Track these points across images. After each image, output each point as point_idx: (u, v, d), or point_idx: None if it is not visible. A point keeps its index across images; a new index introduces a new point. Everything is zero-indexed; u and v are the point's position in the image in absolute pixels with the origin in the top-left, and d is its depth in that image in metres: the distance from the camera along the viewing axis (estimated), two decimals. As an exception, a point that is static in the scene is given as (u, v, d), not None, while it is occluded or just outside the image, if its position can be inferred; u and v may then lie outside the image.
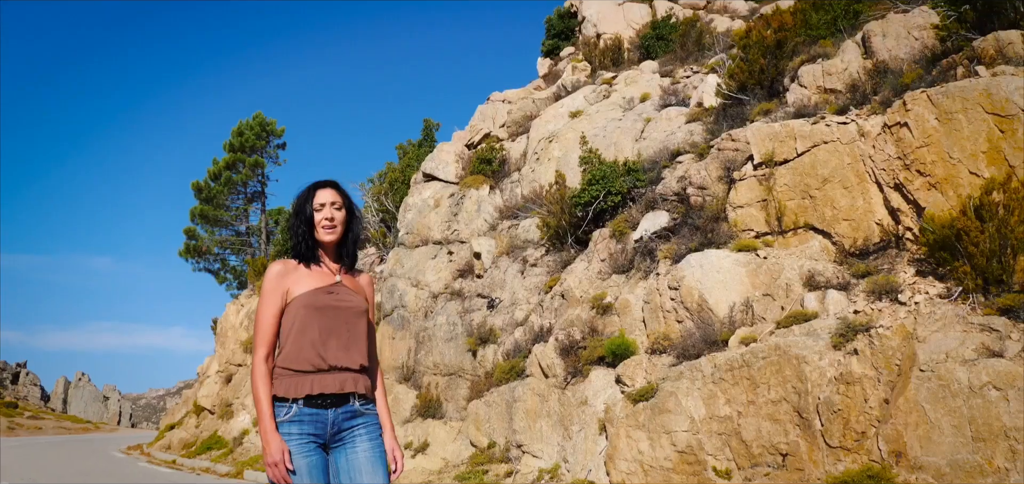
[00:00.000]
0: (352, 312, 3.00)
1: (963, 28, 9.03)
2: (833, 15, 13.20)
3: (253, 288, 19.20)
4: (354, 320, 3.00)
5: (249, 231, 25.60)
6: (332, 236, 3.01)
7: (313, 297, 2.93)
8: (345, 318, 2.97)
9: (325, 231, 3.00)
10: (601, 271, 10.80)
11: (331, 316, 2.94)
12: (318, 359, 2.88)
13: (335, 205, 3.03)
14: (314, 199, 3.03)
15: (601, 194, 11.54)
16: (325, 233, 3.01)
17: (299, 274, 2.98)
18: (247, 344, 16.80)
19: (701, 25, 20.16)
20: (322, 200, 3.02)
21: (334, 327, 2.94)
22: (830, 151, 8.55)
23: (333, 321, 2.94)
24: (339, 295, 2.99)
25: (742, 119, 11.32)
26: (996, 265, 6.67)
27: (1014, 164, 7.13)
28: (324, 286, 2.98)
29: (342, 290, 3.01)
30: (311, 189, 3.06)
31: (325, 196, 3.03)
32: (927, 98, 7.83)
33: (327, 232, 3.01)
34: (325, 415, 2.89)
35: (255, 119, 25.42)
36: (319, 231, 3.01)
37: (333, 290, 2.98)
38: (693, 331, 8.44)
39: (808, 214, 8.61)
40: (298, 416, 2.86)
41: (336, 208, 3.03)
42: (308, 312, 2.90)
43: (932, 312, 6.86)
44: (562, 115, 16.58)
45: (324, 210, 3.01)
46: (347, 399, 2.94)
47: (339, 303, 2.97)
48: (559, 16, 26.74)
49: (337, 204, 3.03)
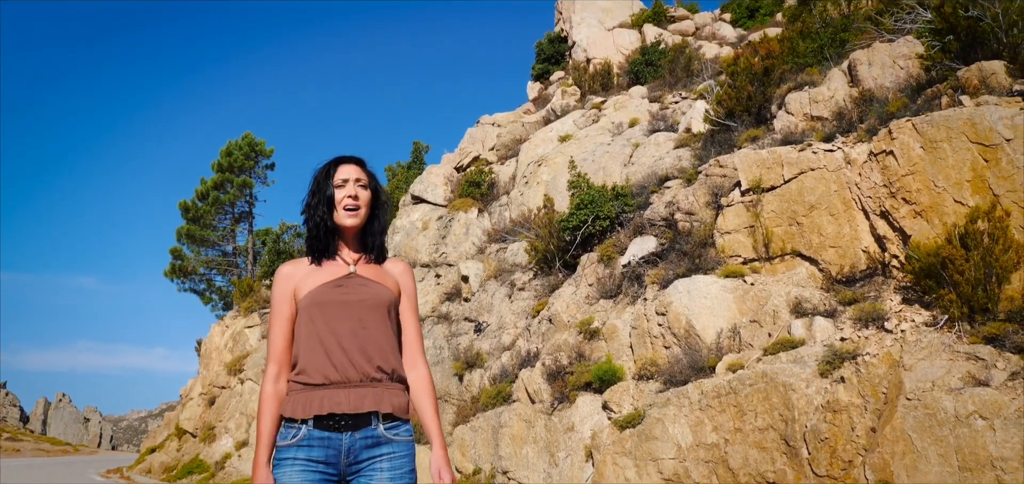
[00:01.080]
0: (368, 306, 2.45)
1: (947, 58, 9.12)
2: (820, 43, 13.33)
3: (238, 309, 19.04)
4: (373, 316, 2.45)
5: (236, 251, 25.45)
6: (355, 219, 2.53)
7: (320, 293, 2.45)
8: (357, 314, 2.43)
9: (347, 213, 2.52)
10: (589, 296, 10.77)
11: (339, 313, 2.43)
12: (329, 368, 2.38)
13: (360, 183, 2.56)
14: (335, 175, 2.55)
15: (589, 218, 11.54)
16: (347, 216, 2.52)
17: (308, 271, 2.53)
18: (231, 366, 16.63)
19: (690, 51, 20.32)
20: (345, 176, 2.54)
21: (344, 327, 2.41)
22: (817, 178, 8.58)
23: (342, 320, 2.42)
24: (350, 287, 2.48)
25: (730, 145, 11.37)
26: (981, 293, 6.69)
27: (998, 193, 7.18)
28: (333, 279, 2.49)
29: (354, 281, 2.50)
30: (332, 164, 2.58)
31: (348, 172, 2.56)
32: (912, 127, 7.89)
33: (349, 214, 2.52)
34: (338, 441, 2.36)
35: (244, 139, 25.37)
36: (339, 213, 2.52)
37: (343, 283, 2.49)
38: (680, 357, 8.40)
39: (795, 241, 8.62)
40: (307, 440, 2.35)
41: (361, 186, 2.56)
42: (314, 312, 2.44)
43: (918, 340, 6.86)
44: (551, 139, 16.63)
45: (346, 187, 2.53)
46: (367, 420, 2.38)
47: (350, 296, 2.46)
48: (549, 41, 26.92)
49: (362, 182, 2.56)
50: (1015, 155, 7.19)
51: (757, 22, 24.49)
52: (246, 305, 18.16)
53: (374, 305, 2.47)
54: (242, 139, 25.51)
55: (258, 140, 25.75)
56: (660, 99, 17.42)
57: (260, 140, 25.77)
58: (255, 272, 22.98)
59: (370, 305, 2.46)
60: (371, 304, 2.47)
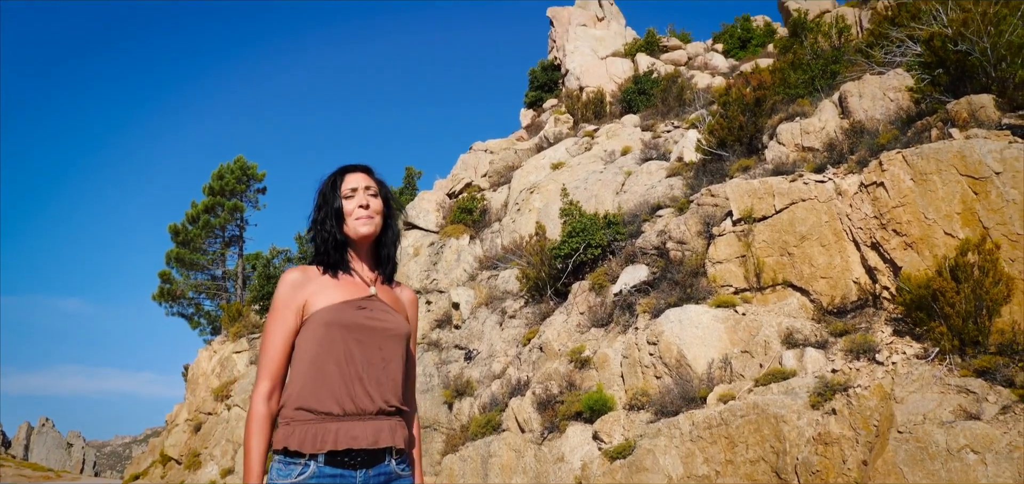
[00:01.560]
0: (390, 335, 2.29)
1: (937, 91, 9.19)
2: (811, 75, 13.44)
3: (227, 334, 18.88)
4: (392, 346, 2.29)
5: (225, 275, 25.32)
6: (369, 228, 2.33)
7: (340, 312, 2.23)
8: (381, 343, 2.26)
9: (361, 222, 2.32)
10: (580, 324, 10.72)
11: (364, 339, 2.23)
12: (346, 398, 2.16)
13: (370, 191, 2.37)
14: (343, 184, 2.35)
15: (581, 246, 11.52)
16: (361, 224, 2.32)
17: (322, 284, 2.28)
18: (218, 392, 16.46)
19: (682, 81, 20.46)
20: (353, 184, 2.35)
21: (368, 355, 2.22)
22: (808, 209, 8.59)
23: (366, 347, 2.22)
24: (374, 311, 2.29)
25: (721, 175, 11.40)
26: (972, 326, 6.68)
27: (988, 226, 7.20)
28: (355, 298, 2.28)
29: (378, 305, 2.31)
30: (338, 174, 2.39)
31: (356, 180, 2.36)
32: (902, 159, 7.92)
33: (364, 223, 2.32)
34: (351, 478, 2.15)
35: (236, 163, 25.34)
36: (351, 222, 2.32)
37: (366, 304, 2.29)
38: (671, 387, 8.35)
39: (786, 271, 8.61)
40: (316, 477, 2.11)
41: (371, 194, 2.37)
42: (333, 332, 2.20)
43: (909, 372, 6.83)
44: (544, 166, 16.65)
45: (357, 196, 2.34)
46: (382, 456, 2.21)
47: (374, 322, 2.27)
48: (543, 68, 27.09)
49: (372, 190, 2.37)
50: (1004, 188, 7.22)
51: (749, 53, 24.72)
52: (235, 330, 18.03)
53: (395, 335, 2.30)
54: (234, 163, 25.48)
55: (250, 164, 25.74)
56: (652, 128, 17.50)
57: (252, 164, 25.77)
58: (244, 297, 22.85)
59: (392, 335, 2.29)
60: (393, 334, 2.30)
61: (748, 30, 26.24)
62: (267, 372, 2.20)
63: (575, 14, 27.53)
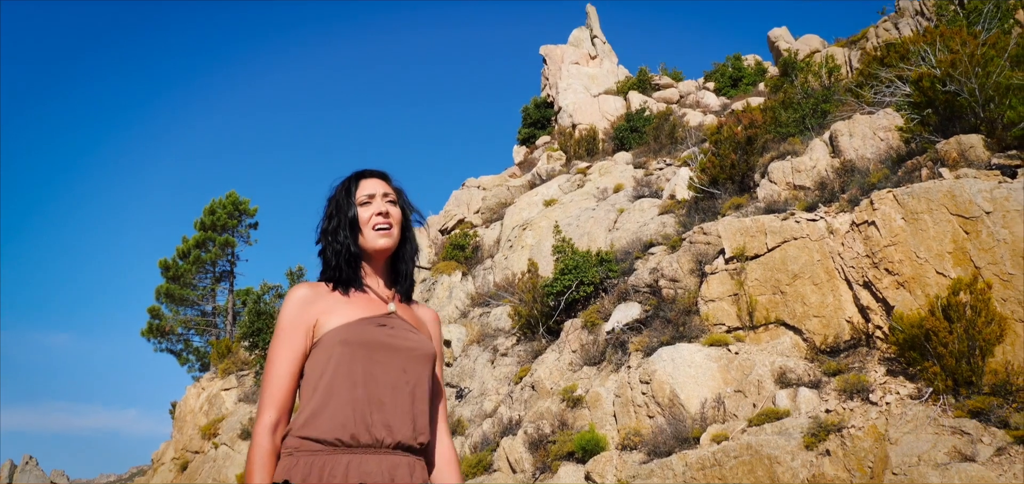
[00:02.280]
0: (416, 357, 2.00)
1: (926, 131, 9.26)
2: (801, 114, 13.55)
3: (215, 371, 18.68)
4: (418, 370, 2.00)
5: (215, 311, 25.13)
6: (388, 240, 2.07)
7: (359, 329, 1.95)
8: (405, 365, 1.97)
9: (379, 233, 2.06)
10: (572, 362, 10.64)
11: (386, 360, 1.95)
12: (360, 426, 1.87)
13: (388, 198, 2.11)
14: (358, 191, 2.10)
15: (573, 284, 11.47)
16: (379, 236, 2.06)
17: (334, 301, 2.01)
18: (206, 430, 16.23)
19: (674, 119, 20.61)
20: (370, 191, 2.10)
21: (391, 379, 1.94)
22: (800, 247, 8.59)
23: (389, 369, 1.94)
24: (396, 329, 2.01)
25: (713, 213, 11.42)
26: (965, 366, 6.64)
27: (979, 265, 7.19)
28: (374, 316, 2.01)
29: (400, 323, 2.04)
30: (352, 180, 2.13)
31: (373, 186, 2.11)
32: (893, 198, 7.94)
33: (382, 234, 2.06)
34: None
35: (228, 198, 25.30)
36: (368, 233, 2.06)
37: (387, 321, 2.01)
38: (664, 427, 8.26)
39: (779, 310, 8.58)
40: None
41: (390, 201, 2.11)
42: (350, 352, 1.92)
43: (903, 413, 6.78)
44: (536, 203, 16.67)
45: (374, 204, 2.08)
46: None
47: (396, 341, 1.99)
48: (536, 105, 27.27)
49: (390, 197, 2.12)
50: (995, 228, 7.23)
51: (740, 91, 24.97)
52: (223, 367, 17.84)
53: (421, 357, 2.00)
54: (226, 197, 25.45)
55: (242, 199, 25.71)
56: (645, 165, 17.57)
57: (244, 199, 25.73)
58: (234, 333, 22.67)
59: (418, 356, 2.00)
60: (419, 355, 2.00)
61: (739, 69, 26.54)
62: (272, 401, 1.91)
63: (568, 52, 27.80)
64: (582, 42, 28.90)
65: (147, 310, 24.71)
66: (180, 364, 25.08)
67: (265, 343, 16.77)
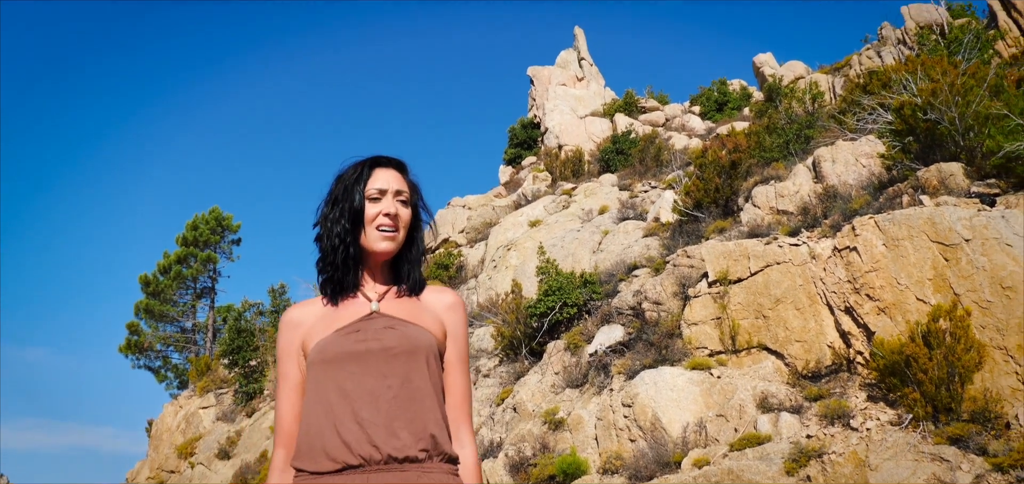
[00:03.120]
0: (392, 355, 1.81)
1: (907, 158, 9.34)
2: (785, 139, 13.65)
3: (194, 388, 18.45)
4: (400, 368, 1.80)
5: (195, 328, 24.84)
6: (389, 244, 1.90)
7: (328, 346, 1.82)
8: (383, 368, 1.79)
9: (382, 236, 1.89)
10: (554, 384, 10.58)
11: (357, 369, 1.78)
12: (340, 448, 1.72)
13: (400, 197, 1.93)
14: (369, 181, 1.92)
15: (557, 305, 11.44)
16: (380, 238, 1.89)
17: (321, 315, 1.90)
18: (182, 449, 15.99)
19: (659, 142, 20.71)
20: (381, 185, 1.91)
21: (368, 387, 1.77)
22: (783, 272, 8.61)
23: (362, 378, 1.77)
24: (369, 331, 1.84)
25: (697, 236, 11.45)
26: (945, 393, 6.65)
27: (959, 292, 7.23)
28: (349, 324, 1.86)
29: (376, 323, 1.86)
30: (365, 166, 1.95)
31: (387, 179, 1.93)
32: (875, 224, 7.98)
33: (384, 238, 1.89)
34: None
35: (211, 213, 25.10)
36: (370, 233, 1.89)
37: (361, 326, 1.85)
38: (646, 451, 8.21)
39: (761, 334, 8.58)
40: None
41: (401, 201, 1.93)
42: (318, 372, 1.80)
43: (883, 440, 6.77)
44: (521, 223, 16.65)
45: (383, 201, 1.90)
46: None
47: (367, 344, 1.82)
48: (522, 126, 27.35)
49: (403, 196, 1.94)
50: (974, 255, 7.28)
51: (725, 115, 25.17)
52: (202, 385, 17.62)
53: (404, 353, 1.81)
54: (209, 213, 25.24)
55: (225, 215, 25.50)
56: (630, 187, 17.62)
57: (227, 215, 25.54)
58: (214, 350, 22.42)
59: (398, 353, 1.81)
60: (400, 352, 1.81)
61: (725, 93, 26.77)
62: (280, 438, 1.83)
63: (555, 74, 27.93)
64: (569, 64, 29.06)
65: (126, 325, 24.40)
66: (158, 381, 24.75)
67: (245, 360, 16.58)
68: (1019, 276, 7.00)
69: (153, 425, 18.62)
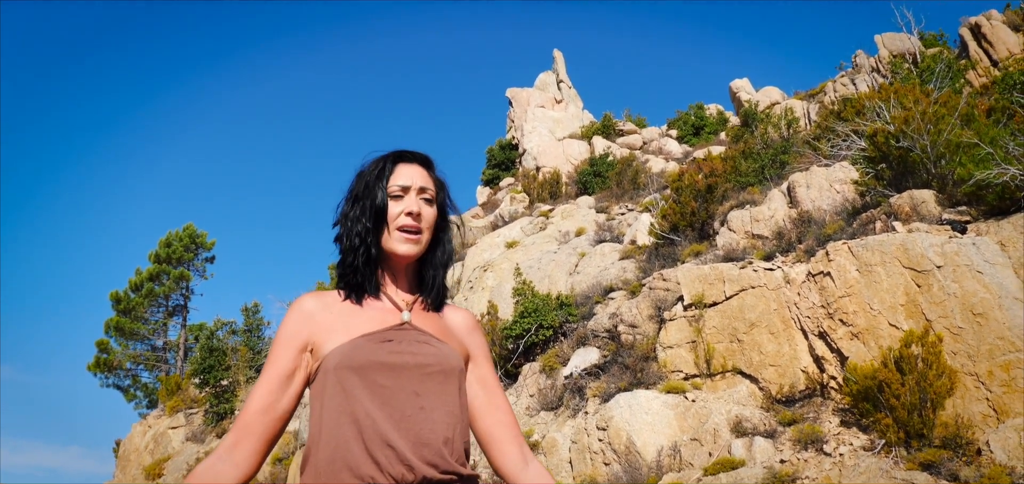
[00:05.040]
0: (428, 373, 1.67)
1: (880, 184, 9.44)
2: (761, 164, 13.76)
3: (163, 408, 18.09)
4: (435, 387, 1.67)
5: (166, 346, 24.42)
6: (412, 247, 1.75)
7: (354, 351, 1.65)
8: (416, 385, 1.65)
9: (404, 237, 1.75)
10: (529, 407, 10.50)
11: (390, 382, 1.63)
12: (372, 470, 1.57)
13: (425, 195, 1.78)
14: (392, 178, 1.77)
15: (533, 327, 11.38)
16: (403, 241, 1.75)
17: (339, 314, 1.73)
18: (150, 470, 15.64)
19: (637, 165, 20.82)
20: (405, 181, 1.77)
21: (397, 404, 1.62)
22: (757, 296, 8.63)
23: (395, 393, 1.63)
24: (404, 343, 1.69)
25: (673, 259, 11.47)
26: (917, 419, 6.68)
27: (931, 318, 7.28)
28: (378, 330, 1.70)
29: (411, 335, 1.71)
30: (388, 161, 1.80)
31: (411, 175, 1.78)
32: (848, 250, 8.04)
33: (406, 239, 1.75)
34: None
35: (185, 230, 24.77)
36: (392, 235, 1.74)
37: (393, 335, 1.70)
38: (620, 475, 8.15)
39: (736, 358, 8.58)
40: None
41: (425, 200, 1.78)
42: (346, 379, 1.63)
43: (856, 465, 6.77)
44: (498, 244, 16.60)
45: (407, 199, 1.76)
46: None
47: (403, 357, 1.67)
48: (501, 147, 27.37)
49: (428, 194, 1.79)
50: (946, 282, 7.34)
51: (702, 139, 25.39)
52: (172, 404, 17.28)
53: (439, 372, 1.68)
54: (183, 230, 24.91)
55: (200, 232, 25.18)
56: (607, 210, 17.66)
57: (202, 232, 25.21)
58: (185, 369, 22.04)
59: (432, 372, 1.67)
60: (436, 371, 1.68)
61: (701, 118, 27.02)
62: (239, 427, 1.64)
63: (534, 96, 28.03)
64: (548, 86, 29.20)
65: (95, 343, 23.91)
66: (127, 400, 24.24)
67: (217, 380, 16.30)
68: (990, 303, 7.07)
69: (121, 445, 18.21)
